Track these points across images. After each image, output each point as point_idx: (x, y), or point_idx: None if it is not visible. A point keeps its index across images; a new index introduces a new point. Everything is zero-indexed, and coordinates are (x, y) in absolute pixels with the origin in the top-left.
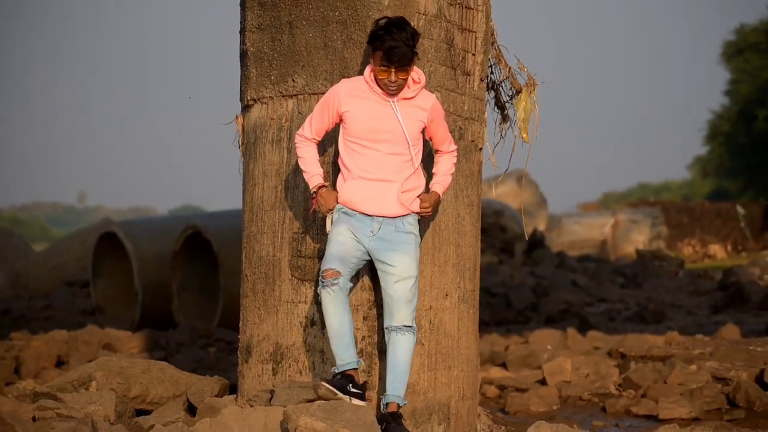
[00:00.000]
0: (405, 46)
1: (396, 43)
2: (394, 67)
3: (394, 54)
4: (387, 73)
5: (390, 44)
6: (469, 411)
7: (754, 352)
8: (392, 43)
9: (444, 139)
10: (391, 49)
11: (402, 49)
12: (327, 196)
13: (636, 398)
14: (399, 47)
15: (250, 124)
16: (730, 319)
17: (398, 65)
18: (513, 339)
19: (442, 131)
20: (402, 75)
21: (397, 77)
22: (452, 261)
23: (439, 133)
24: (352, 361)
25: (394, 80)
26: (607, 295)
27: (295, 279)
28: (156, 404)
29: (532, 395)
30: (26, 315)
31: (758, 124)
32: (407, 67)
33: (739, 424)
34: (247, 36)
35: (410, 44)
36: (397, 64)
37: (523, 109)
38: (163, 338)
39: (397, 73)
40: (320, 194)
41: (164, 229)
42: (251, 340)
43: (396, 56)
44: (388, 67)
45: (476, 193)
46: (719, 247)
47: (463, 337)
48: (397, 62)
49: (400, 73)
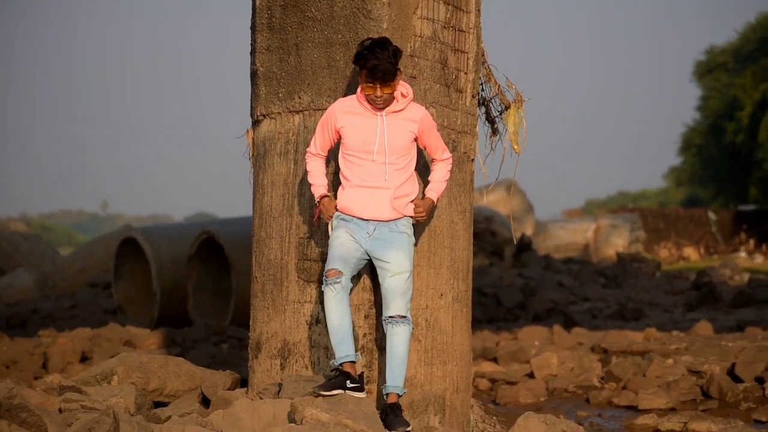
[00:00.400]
0: (387, 63)
1: (378, 62)
2: (379, 83)
3: (377, 71)
4: (373, 89)
5: (373, 63)
6: (462, 403)
7: (726, 347)
8: (375, 61)
9: (437, 148)
10: (375, 66)
11: (384, 66)
12: (328, 204)
13: (617, 390)
14: (381, 65)
15: (260, 138)
16: (703, 316)
17: (382, 81)
18: (503, 335)
19: (434, 140)
20: (387, 90)
21: (382, 92)
22: (447, 263)
23: (431, 142)
24: (350, 354)
25: (380, 95)
26: (590, 294)
27: (302, 280)
28: (173, 397)
29: (521, 388)
30: (53, 314)
31: (727, 136)
32: (390, 82)
33: (712, 414)
34: (257, 57)
35: (392, 61)
36: (381, 80)
37: (512, 123)
38: (180, 335)
39: (381, 88)
40: (323, 203)
41: (180, 235)
42: (261, 338)
43: (379, 73)
44: (372, 83)
45: (468, 200)
46: (693, 249)
47: (457, 334)
48: (381, 78)
49: (384, 89)
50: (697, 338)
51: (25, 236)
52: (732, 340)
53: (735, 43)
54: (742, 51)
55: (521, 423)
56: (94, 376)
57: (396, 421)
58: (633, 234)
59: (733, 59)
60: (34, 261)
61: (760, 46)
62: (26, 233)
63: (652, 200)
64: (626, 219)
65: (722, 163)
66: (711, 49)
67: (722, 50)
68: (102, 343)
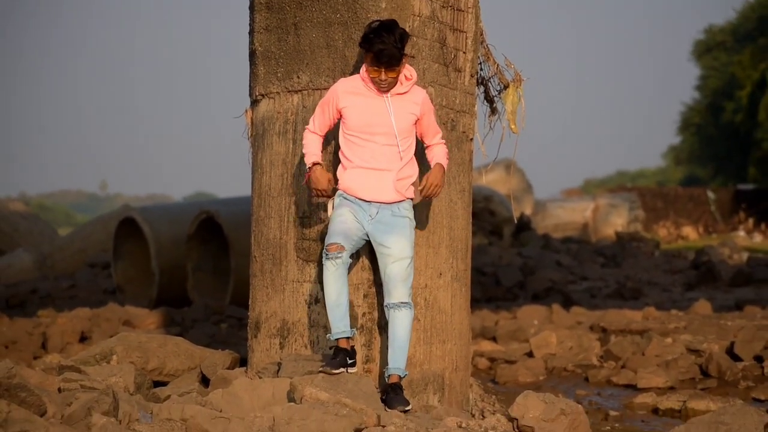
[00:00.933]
0: (393, 48)
1: (384, 46)
2: (384, 68)
3: (383, 56)
4: (378, 72)
5: (379, 47)
6: (462, 381)
7: (725, 325)
8: (381, 45)
9: (433, 132)
10: (380, 51)
11: (390, 50)
12: (320, 174)
13: (616, 369)
14: (387, 49)
15: (259, 118)
16: (702, 295)
17: (387, 66)
18: (502, 315)
19: (431, 124)
20: (391, 74)
21: (387, 76)
22: (446, 243)
23: (428, 126)
24: (346, 330)
25: (384, 79)
26: (588, 273)
27: (300, 260)
28: (172, 376)
29: (520, 367)
30: (52, 294)
31: (726, 116)
32: (395, 67)
33: (711, 393)
34: (256, 37)
35: (398, 46)
36: (386, 64)
37: (510, 103)
38: (179, 315)
39: (386, 72)
40: (314, 170)
41: (179, 215)
42: (260, 317)
43: (384, 57)
44: (378, 67)
45: (467, 180)
46: (691, 229)
47: (456, 313)
48: (386, 63)
49: (389, 73)
50: (695, 317)
51: (24, 216)
52: (731, 319)
53: (734, 22)
54: (740, 30)
55: (520, 402)
56: (94, 356)
57: (396, 399)
58: (632, 213)
59: (732, 38)
60: (33, 241)
61: (759, 25)
62: (25, 213)
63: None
64: (625, 198)
65: (721, 142)
66: (710, 28)
67: (721, 29)
68: (101, 323)
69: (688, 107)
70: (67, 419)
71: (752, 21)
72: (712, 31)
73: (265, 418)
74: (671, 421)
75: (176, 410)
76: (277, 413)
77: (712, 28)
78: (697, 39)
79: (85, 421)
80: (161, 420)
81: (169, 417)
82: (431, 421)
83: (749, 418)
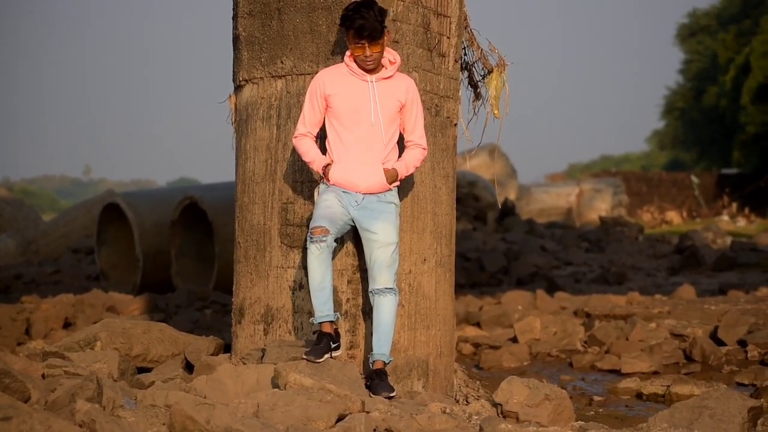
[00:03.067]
0: (374, 21)
1: (365, 20)
2: (367, 41)
3: (364, 29)
4: (361, 49)
5: (359, 22)
6: (446, 367)
7: (709, 310)
8: (361, 20)
9: (416, 129)
10: (361, 26)
11: (371, 23)
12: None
13: (600, 354)
14: (368, 23)
15: (242, 103)
16: (686, 280)
17: (369, 39)
18: (486, 300)
19: (415, 119)
20: (375, 49)
21: (371, 51)
22: (430, 228)
23: (412, 119)
24: (329, 314)
25: (369, 54)
26: (572, 258)
27: (285, 246)
28: (156, 362)
29: (505, 352)
30: (36, 280)
31: (710, 99)
32: (378, 40)
33: (695, 377)
34: (240, 22)
35: (378, 19)
36: (369, 38)
37: (494, 88)
38: (163, 301)
39: (370, 47)
40: (330, 174)
41: (163, 200)
42: (244, 303)
43: (366, 31)
44: (360, 42)
45: (451, 165)
46: (675, 213)
47: (440, 298)
48: (368, 36)
49: (373, 47)
50: (679, 302)
51: (7, 201)
52: (714, 304)
53: (718, 6)
54: (724, 14)
55: (504, 387)
56: (78, 342)
57: (381, 386)
58: (616, 198)
59: (716, 22)
60: (16, 226)
61: (742, 9)
62: (9, 198)
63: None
64: (609, 183)
65: (705, 126)
66: (694, 12)
67: (705, 13)
68: (85, 309)
69: (672, 91)
70: (50, 405)
71: (736, 5)
72: (696, 15)
73: (250, 405)
74: (655, 406)
75: (160, 396)
76: (261, 399)
77: (696, 11)
78: (680, 23)
79: (69, 407)
80: (145, 406)
81: (153, 403)
82: (416, 407)
83: (733, 403)
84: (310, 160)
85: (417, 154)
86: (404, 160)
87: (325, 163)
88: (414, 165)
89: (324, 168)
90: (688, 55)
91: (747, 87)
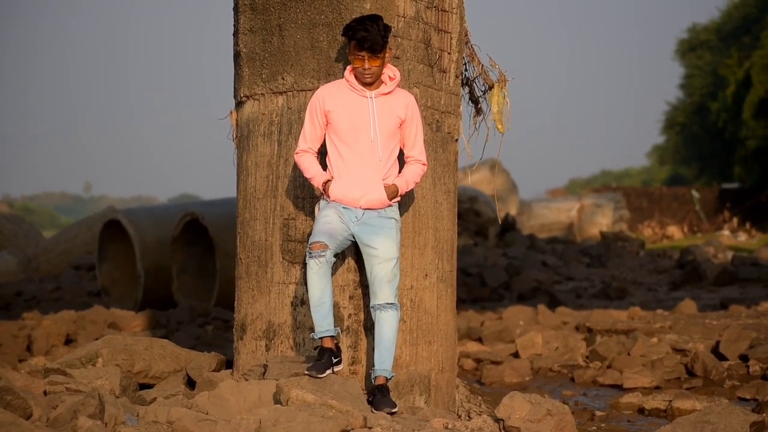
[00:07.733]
0: (376, 34)
1: (367, 33)
2: (367, 54)
3: (365, 41)
4: (361, 60)
5: (362, 33)
6: (448, 382)
7: (710, 325)
8: (363, 32)
9: (415, 145)
10: (363, 37)
11: (373, 35)
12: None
13: (602, 369)
14: (370, 34)
15: (243, 119)
16: (687, 294)
17: (370, 51)
18: (488, 315)
19: (415, 135)
20: (374, 62)
21: (370, 64)
22: (431, 244)
23: (411, 135)
24: (330, 329)
25: (368, 67)
26: (574, 273)
27: (286, 262)
28: (158, 379)
29: (506, 367)
30: (37, 296)
31: (711, 115)
32: (378, 54)
33: (696, 392)
34: (240, 38)
35: (381, 33)
36: (369, 50)
37: (496, 103)
38: (164, 317)
39: (369, 60)
40: (330, 190)
41: (164, 217)
42: (246, 319)
43: (367, 42)
44: (360, 54)
45: (453, 180)
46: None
47: (441, 314)
48: (369, 48)
49: (372, 60)
50: (681, 316)
51: (8, 218)
52: (716, 318)
53: (717, 21)
54: (724, 29)
55: (506, 402)
56: (79, 359)
57: (383, 401)
58: (617, 213)
59: (716, 37)
60: (17, 243)
61: (742, 23)
62: (9, 215)
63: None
64: (610, 198)
65: (706, 141)
66: (693, 27)
67: (705, 28)
68: (86, 326)
69: (673, 106)
70: (52, 422)
71: (736, 20)
72: (696, 30)
73: (252, 421)
74: (657, 421)
75: (162, 413)
76: (263, 415)
77: (696, 27)
78: (680, 38)
79: (71, 424)
80: (147, 423)
81: (155, 420)
82: (418, 423)
83: (735, 418)
84: (310, 176)
85: (417, 170)
86: (404, 176)
87: (325, 179)
88: (414, 181)
89: (324, 184)
90: (689, 70)
91: (748, 102)
